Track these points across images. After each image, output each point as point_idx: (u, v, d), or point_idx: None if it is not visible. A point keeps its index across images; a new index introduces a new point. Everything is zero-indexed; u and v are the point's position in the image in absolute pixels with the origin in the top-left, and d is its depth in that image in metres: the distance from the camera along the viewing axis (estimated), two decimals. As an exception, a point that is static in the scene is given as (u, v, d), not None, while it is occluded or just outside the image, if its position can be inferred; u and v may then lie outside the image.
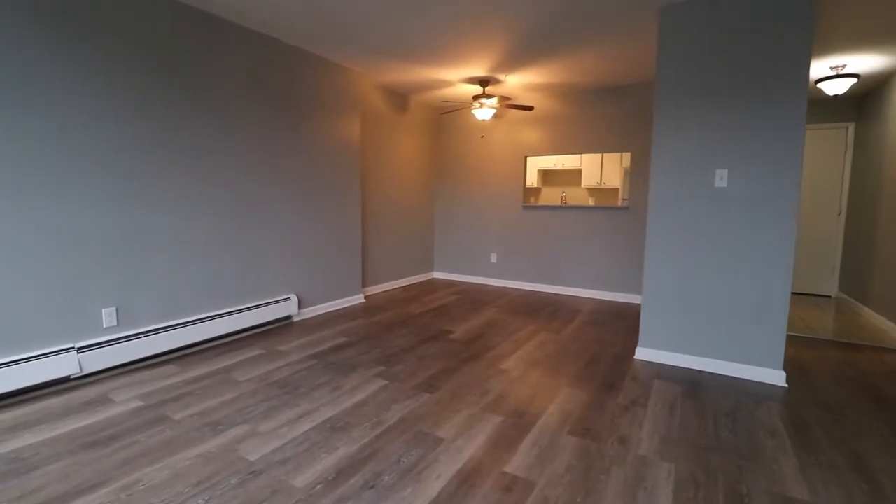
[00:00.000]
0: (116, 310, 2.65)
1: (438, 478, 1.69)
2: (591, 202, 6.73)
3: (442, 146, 5.81)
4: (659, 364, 2.91)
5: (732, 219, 2.67)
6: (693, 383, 2.62)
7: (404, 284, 5.40)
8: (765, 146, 2.55)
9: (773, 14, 2.47)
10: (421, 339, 3.37)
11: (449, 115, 5.68)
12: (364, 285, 4.76)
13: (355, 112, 4.19)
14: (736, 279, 2.69)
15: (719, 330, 2.77)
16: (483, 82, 4.42)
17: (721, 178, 2.68)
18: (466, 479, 1.69)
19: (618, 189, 6.46)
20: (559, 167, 6.71)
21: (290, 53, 3.52)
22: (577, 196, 6.81)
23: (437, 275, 6.00)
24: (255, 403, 2.27)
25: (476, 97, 4.44)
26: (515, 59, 3.81)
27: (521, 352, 3.13)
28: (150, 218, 2.77)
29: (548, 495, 1.60)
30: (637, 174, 4.59)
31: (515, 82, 4.50)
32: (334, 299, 4.19)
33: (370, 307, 4.33)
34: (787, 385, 2.60)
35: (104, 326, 2.61)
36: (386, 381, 2.59)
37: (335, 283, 4.17)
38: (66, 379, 2.45)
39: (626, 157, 6.21)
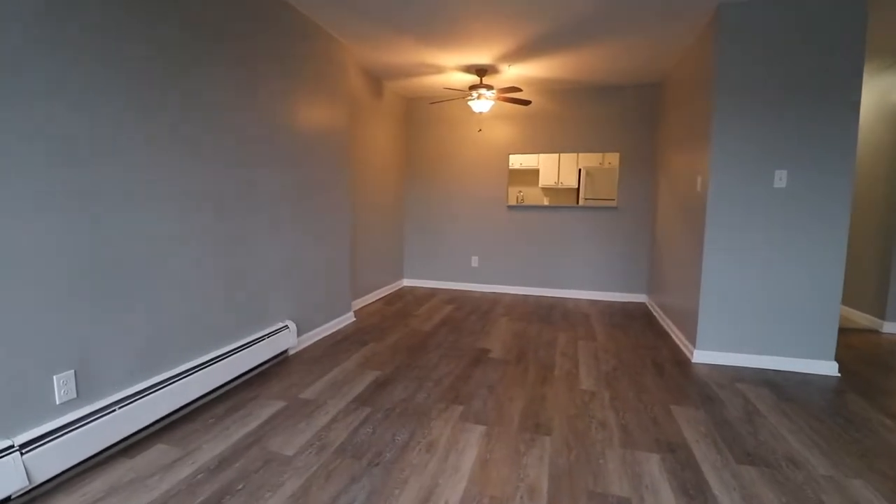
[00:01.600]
0: (75, 373, 1.70)
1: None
2: (545, 202, 6.78)
3: (415, 140, 5.26)
4: (722, 366, 2.88)
5: (790, 219, 2.74)
6: (770, 383, 2.62)
7: (381, 296, 4.75)
8: (822, 148, 2.65)
9: (829, 17, 2.57)
10: (464, 364, 2.89)
11: (425, 106, 5.15)
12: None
13: (342, 94, 3.48)
14: (791, 277, 2.77)
15: (776, 327, 2.83)
16: (481, 71, 4.04)
17: (780, 179, 2.73)
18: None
19: (575, 189, 6.60)
20: (517, 166, 6.62)
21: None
22: (533, 196, 6.80)
23: (407, 282, 5.44)
24: (341, 492, 1.61)
25: (473, 87, 4.05)
26: (528, 49, 3.52)
27: (585, 367, 2.85)
28: (118, 233, 1.85)
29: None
30: (628, 174, 4.65)
31: (512, 75, 4.20)
32: (327, 322, 3.44)
33: (365, 327, 3.66)
34: (839, 374, 2.75)
35: (58, 402, 1.65)
36: (482, 426, 2.09)
37: (326, 302, 3.42)
38: (6, 501, 1.47)
39: (584, 157, 6.37)
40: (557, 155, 6.42)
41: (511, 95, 4.36)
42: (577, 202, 6.62)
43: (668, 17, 2.90)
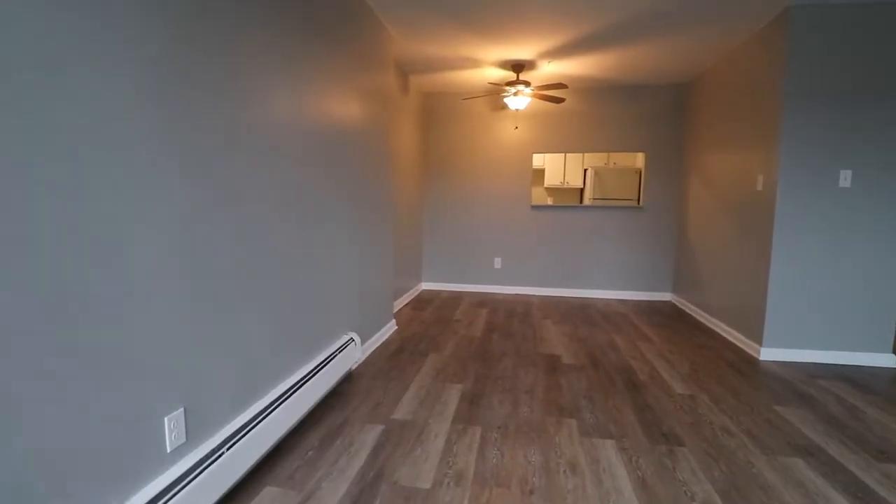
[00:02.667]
0: (184, 412, 1.41)
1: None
2: (549, 202, 6.77)
3: (434, 138, 5.05)
4: (791, 363, 2.93)
5: (853, 218, 2.83)
6: (845, 378, 2.68)
7: (406, 301, 4.52)
8: (886, 149, 2.75)
9: (883, 12, 2.67)
10: (543, 371, 2.76)
11: (446, 102, 4.96)
12: (381, 308, 3.79)
13: (386, 85, 3.23)
14: (852, 274, 2.86)
15: (838, 323, 2.91)
16: (518, 67, 3.92)
17: (845, 179, 2.81)
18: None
19: (580, 189, 6.64)
20: (521, 166, 6.55)
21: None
22: (537, 196, 6.77)
23: (426, 286, 5.22)
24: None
25: (511, 83, 3.92)
26: (571, 46, 3.44)
27: (664, 370, 2.80)
28: (224, 247, 1.56)
29: None
30: (652, 175, 4.70)
31: (546, 72, 4.12)
32: (377, 331, 3.19)
33: (412, 336, 3.44)
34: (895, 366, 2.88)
35: (169, 450, 1.35)
36: (609, 440, 1.97)
37: (375, 310, 3.17)
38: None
39: (589, 157, 6.41)
40: (563, 155, 6.43)
41: (551, 93, 4.27)
42: (581, 202, 6.67)
43: (733, 15, 2.91)
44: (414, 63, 3.94)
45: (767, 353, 2.99)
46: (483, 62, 3.87)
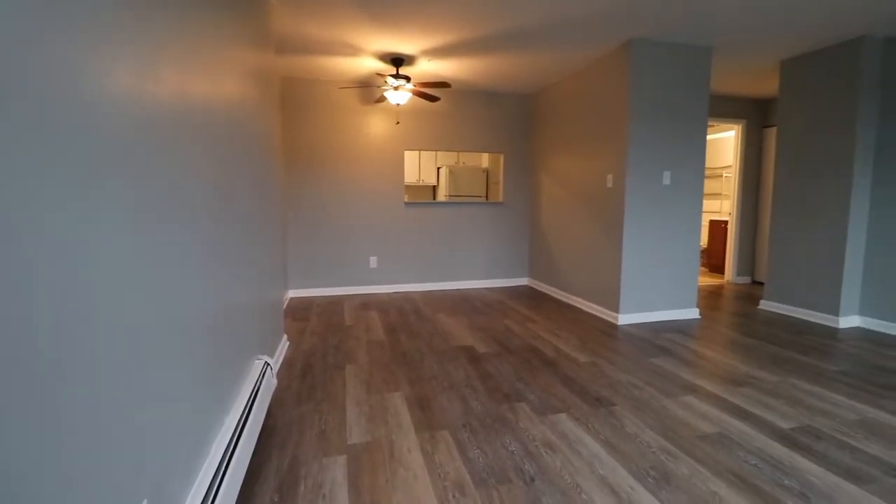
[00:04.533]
0: None
1: None
2: (405, 199, 6.84)
3: (299, 129, 4.51)
4: (639, 324, 3.66)
5: (672, 207, 3.70)
6: (677, 329, 3.50)
7: (279, 313, 3.96)
8: (687, 156, 3.67)
9: (689, 62, 3.58)
10: (467, 364, 2.80)
11: (308, 89, 4.46)
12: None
13: (269, 69, 2.76)
14: (671, 250, 3.75)
15: (662, 289, 3.78)
16: (398, 61, 3.83)
17: (667, 178, 3.64)
18: None
19: (433, 187, 6.88)
20: (377, 163, 6.44)
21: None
22: (392, 193, 6.75)
23: (294, 294, 4.66)
24: (541, 513, 1.44)
25: (392, 76, 3.81)
26: (452, 48, 3.57)
27: (563, 344, 3.17)
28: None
29: None
30: (509, 173, 5.19)
31: (424, 69, 4.13)
32: (273, 350, 2.72)
33: (310, 350, 3.05)
34: (700, 318, 3.89)
35: (130, 563, 0.90)
36: (562, 413, 2.14)
37: (271, 324, 2.70)
38: None
39: (441, 156, 6.71)
40: (418, 152, 6.58)
41: (432, 91, 4.29)
42: (434, 198, 6.96)
43: (588, 40, 3.46)
44: (285, 42, 3.47)
45: (623, 319, 3.69)
46: (363, 51, 3.66)
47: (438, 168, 6.74)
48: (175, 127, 1.20)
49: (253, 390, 1.89)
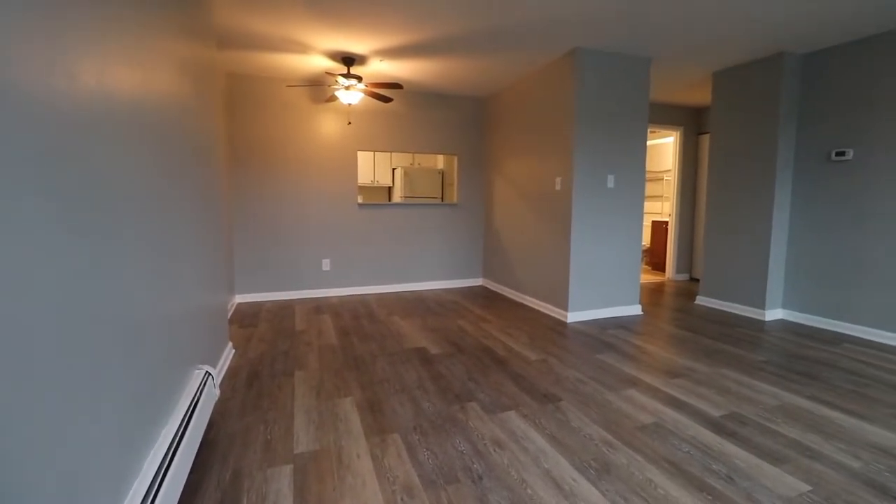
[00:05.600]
0: (54, 529, 0.88)
1: (721, 445, 1.90)
2: (359, 200, 6.75)
3: (246, 127, 4.33)
4: (587, 321, 3.80)
5: (615, 208, 3.87)
6: (620, 325, 3.66)
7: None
8: (629, 160, 3.86)
9: (630, 70, 3.76)
10: (420, 366, 2.80)
11: (255, 86, 4.28)
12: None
13: (209, 63, 2.63)
14: (614, 249, 3.93)
15: (608, 287, 3.95)
16: (349, 61, 3.77)
17: (611, 181, 3.81)
18: None
19: (389, 188, 6.82)
20: (330, 163, 6.31)
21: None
22: (347, 194, 6.63)
23: (241, 299, 4.47)
24: (488, 511, 1.47)
25: (343, 75, 3.75)
26: (405, 49, 3.56)
27: (514, 343, 3.23)
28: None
29: None
30: (463, 175, 5.24)
31: (376, 69, 4.09)
32: (220, 358, 2.60)
33: (257, 358, 2.94)
34: (642, 314, 4.09)
35: None
36: (511, 411, 2.19)
37: (214, 332, 2.58)
38: None
39: (396, 157, 6.67)
40: (373, 153, 6.51)
41: (384, 91, 4.25)
42: (390, 200, 6.92)
43: (536, 47, 3.55)
44: (228, 36, 3.33)
45: (572, 317, 3.82)
46: (313, 49, 3.58)
47: (393, 169, 6.70)
48: (91, 125, 1.12)
49: (191, 402, 1.80)
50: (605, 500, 1.54)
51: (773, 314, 3.86)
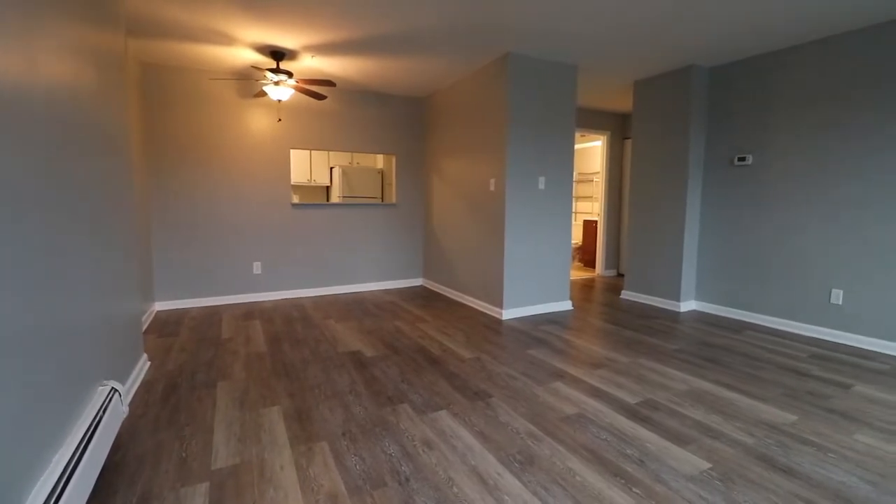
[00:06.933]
0: None
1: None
2: (295, 200, 6.52)
3: (165, 123, 4.01)
4: (521, 318, 3.92)
5: (547, 209, 4.02)
6: (551, 321, 3.81)
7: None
8: (558, 162, 4.03)
9: (558, 76, 3.93)
10: (353, 369, 2.75)
11: (174, 78, 3.97)
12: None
13: (119, 50, 2.41)
14: (546, 249, 4.09)
15: (539, 284, 4.10)
16: (278, 55, 3.62)
17: (542, 183, 3.95)
18: (639, 420, 2.14)
19: (327, 187, 6.63)
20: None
21: None
22: (281, 193, 6.37)
23: (162, 306, 4.15)
24: (413, 512, 1.48)
25: (272, 70, 3.59)
26: (338, 46, 3.49)
27: (449, 342, 3.26)
28: None
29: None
30: (401, 175, 5.21)
31: (309, 65, 3.95)
32: (131, 372, 2.39)
33: (177, 369, 2.75)
34: (572, 309, 4.29)
35: None
36: (442, 410, 2.21)
37: (125, 343, 2.38)
38: None
39: (334, 156, 6.50)
40: (309, 152, 6.30)
41: (316, 88, 4.10)
42: (328, 200, 6.73)
43: (470, 49, 3.61)
44: (140, 23, 3.07)
45: (507, 314, 3.92)
46: (238, 41, 3.39)
47: (331, 168, 6.53)
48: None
49: (92, 422, 1.65)
50: (527, 492, 1.60)
51: (688, 305, 4.20)
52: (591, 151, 6.95)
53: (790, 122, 3.49)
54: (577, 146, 7.26)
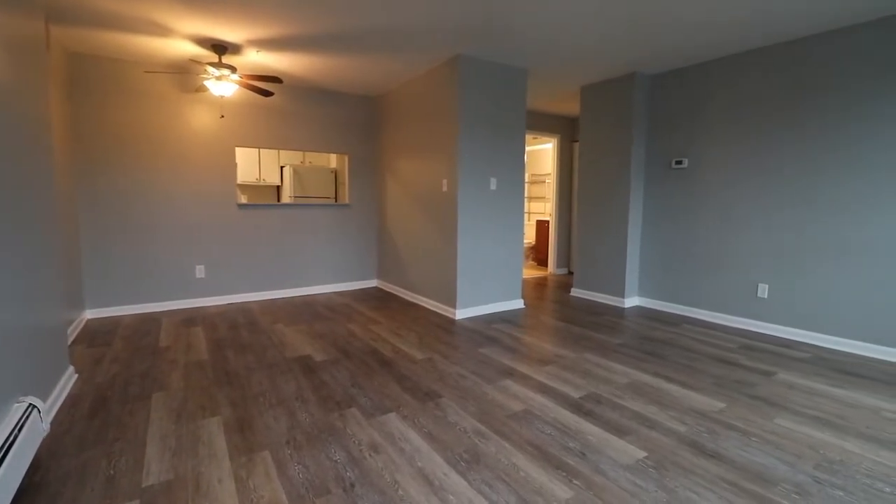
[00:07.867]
0: None
1: (578, 424, 2.11)
2: (243, 199, 6.26)
3: (96, 117, 3.72)
4: (474, 317, 3.96)
5: (498, 210, 4.09)
6: (504, 320, 3.88)
7: (69, 339, 3.24)
8: (509, 164, 4.10)
9: (509, 80, 4.00)
10: (301, 375, 2.68)
11: (117, 73, 3.69)
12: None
13: (37, 38, 2.22)
14: (497, 250, 4.15)
15: (492, 283, 4.16)
16: (221, 49, 3.46)
17: (493, 184, 4.01)
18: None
19: (277, 187, 6.41)
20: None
21: None
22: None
23: (93, 314, 3.86)
24: (357, 518, 1.46)
25: (213, 64, 3.43)
26: (283, 41, 3.38)
27: (402, 343, 3.24)
28: None
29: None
30: (355, 175, 5.12)
31: (252, 61, 3.80)
32: (54, 386, 2.20)
33: (107, 382, 2.57)
34: (524, 307, 4.38)
35: None
36: (391, 413, 2.19)
37: (45, 356, 2.19)
38: None
39: (285, 155, 6.30)
40: (258, 151, 6.07)
41: (261, 84, 3.95)
42: (279, 200, 6.52)
43: (419, 49, 3.60)
44: (65, 9, 2.84)
45: (460, 314, 3.95)
46: (175, 33, 3.21)
47: (282, 167, 6.32)
48: None
49: (5, 442, 1.51)
50: (472, 490, 1.62)
51: (631, 301, 4.41)
52: (543, 153, 7.13)
53: (721, 128, 3.74)
54: (529, 148, 7.43)
